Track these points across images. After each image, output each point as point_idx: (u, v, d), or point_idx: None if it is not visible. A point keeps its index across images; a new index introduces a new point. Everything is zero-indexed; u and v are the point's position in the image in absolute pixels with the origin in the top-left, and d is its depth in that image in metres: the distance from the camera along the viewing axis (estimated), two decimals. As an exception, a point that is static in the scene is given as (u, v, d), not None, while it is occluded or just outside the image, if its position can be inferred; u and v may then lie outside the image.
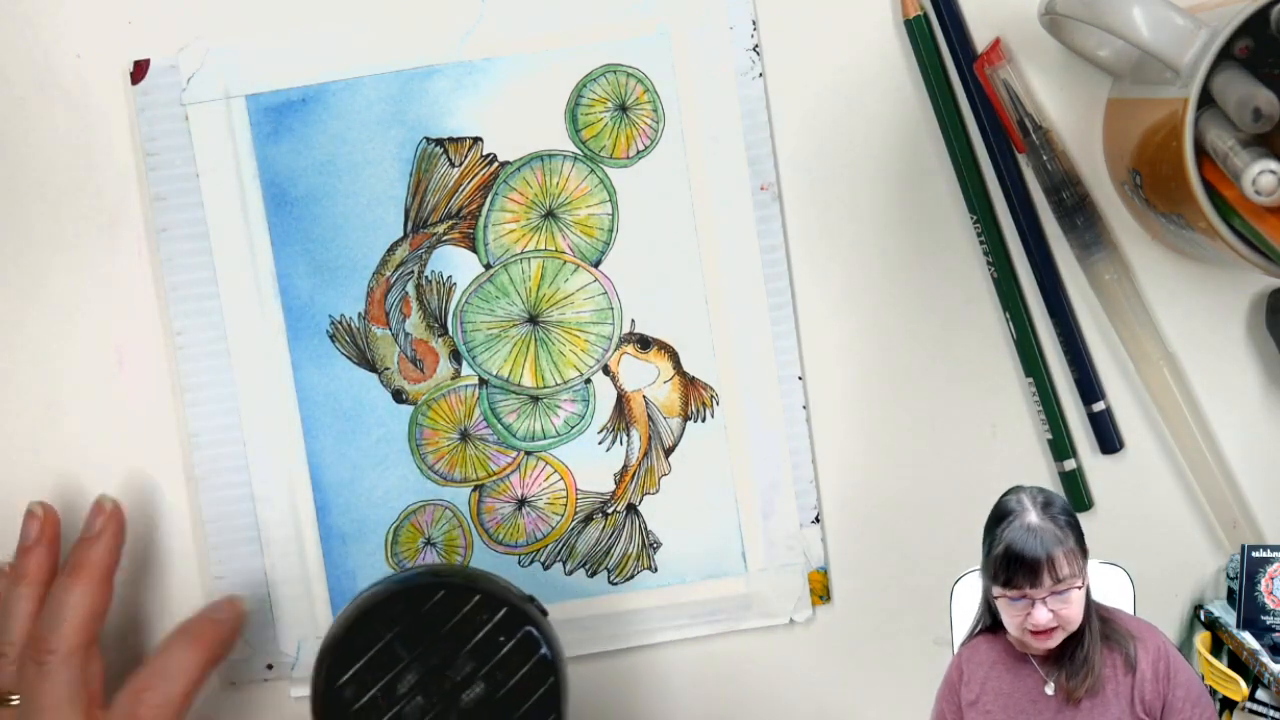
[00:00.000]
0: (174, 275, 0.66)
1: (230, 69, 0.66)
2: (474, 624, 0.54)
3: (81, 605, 0.60)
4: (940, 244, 0.66)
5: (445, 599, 0.54)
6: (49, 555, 0.63)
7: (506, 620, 0.54)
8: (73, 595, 0.60)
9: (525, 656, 0.54)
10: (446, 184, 0.66)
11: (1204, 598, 0.66)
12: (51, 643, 0.59)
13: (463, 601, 0.54)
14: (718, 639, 0.67)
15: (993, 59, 0.63)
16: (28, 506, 0.64)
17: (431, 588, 0.54)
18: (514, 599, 0.55)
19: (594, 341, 0.66)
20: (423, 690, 0.53)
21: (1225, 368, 0.66)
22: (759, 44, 0.65)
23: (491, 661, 0.53)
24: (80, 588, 0.60)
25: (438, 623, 0.54)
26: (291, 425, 0.66)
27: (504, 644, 0.53)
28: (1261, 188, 0.52)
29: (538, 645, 0.54)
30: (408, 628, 0.54)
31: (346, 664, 0.53)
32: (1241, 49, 0.55)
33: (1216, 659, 0.63)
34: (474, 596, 0.54)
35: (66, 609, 0.59)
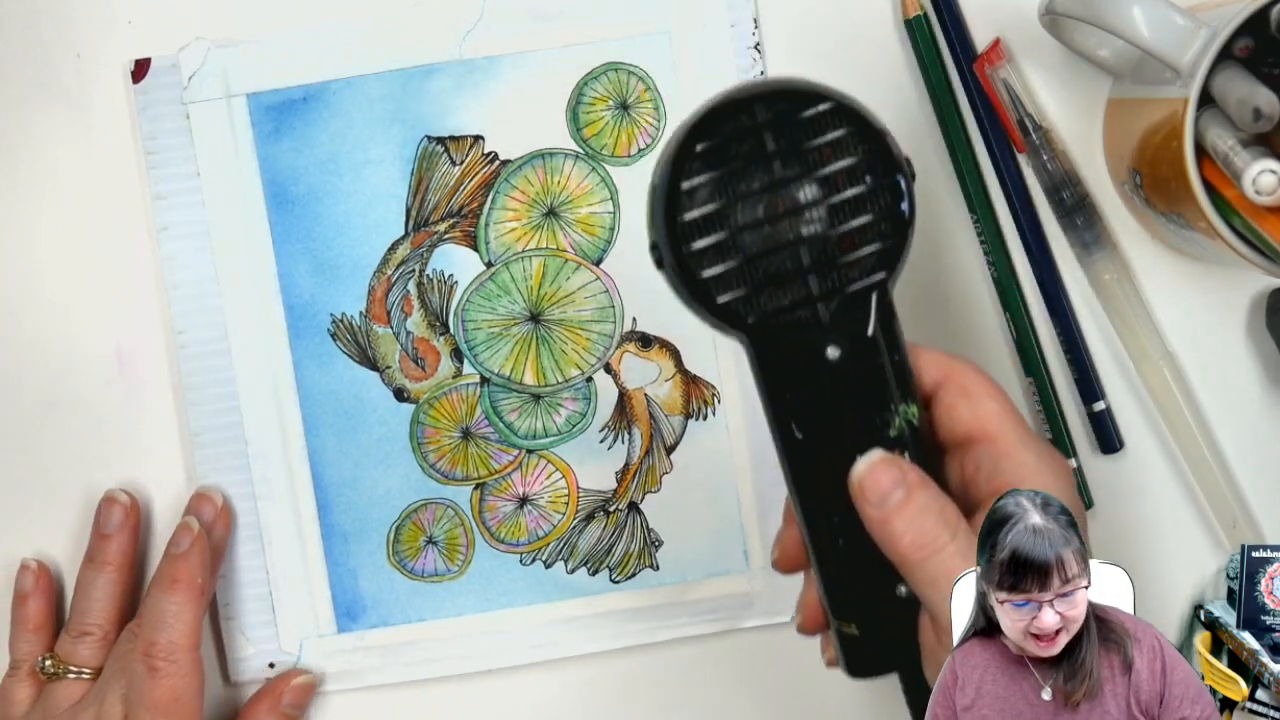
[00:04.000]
0: (175, 274, 0.66)
1: (231, 68, 0.66)
2: (843, 150, 0.49)
3: (185, 614, 0.63)
4: (940, 244, 0.66)
5: (828, 114, 0.48)
6: (131, 542, 0.65)
7: (876, 159, 0.49)
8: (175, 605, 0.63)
9: (881, 206, 0.49)
10: (447, 182, 0.66)
11: (1204, 598, 0.66)
12: (165, 648, 0.62)
13: (841, 123, 0.49)
14: (720, 637, 0.68)
15: (993, 59, 0.63)
16: (107, 493, 0.66)
17: (817, 97, 0.49)
18: (890, 141, 0.49)
19: (595, 340, 0.67)
20: (764, 197, 0.49)
21: (1225, 368, 0.66)
22: (760, 42, 0.65)
23: (844, 195, 0.49)
24: (180, 599, 0.63)
25: (809, 135, 0.49)
26: (293, 424, 0.66)
27: (864, 182, 0.49)
28: (1261, 188, 0.52)
29: (900, 197, 0.49)
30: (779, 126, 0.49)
31: (709, 134, 0.49)
32: (1241, 49, 0.55)
33: (1216, 659, 0.63)
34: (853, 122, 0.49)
35: (173, 617, 0.62)
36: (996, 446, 0.50)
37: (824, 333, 0.49)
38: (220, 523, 0.66)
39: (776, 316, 0.49)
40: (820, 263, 0.49)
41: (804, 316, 0.49)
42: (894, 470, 0.49)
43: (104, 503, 0.65)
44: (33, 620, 0.65)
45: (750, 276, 0.49)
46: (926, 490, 0.49)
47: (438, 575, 0.67)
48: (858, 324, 0.49)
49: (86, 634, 0.64)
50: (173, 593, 0.62)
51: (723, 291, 0.49)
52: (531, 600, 0.67)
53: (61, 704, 0.63)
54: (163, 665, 0.61)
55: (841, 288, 0.49)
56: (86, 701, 0.62)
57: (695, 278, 0.49)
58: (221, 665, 0.67)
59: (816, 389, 0.50)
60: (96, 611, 0.64)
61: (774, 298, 0.49)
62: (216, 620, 0.67)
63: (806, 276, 0.49)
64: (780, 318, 0.49)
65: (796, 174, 0.48)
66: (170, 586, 0.63)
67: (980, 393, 0.51)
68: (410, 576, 0.67)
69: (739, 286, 0.49)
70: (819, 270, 0.49)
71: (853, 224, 0.49)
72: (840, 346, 0.49)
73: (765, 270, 0.49)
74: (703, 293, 0.49)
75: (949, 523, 0.49)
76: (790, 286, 0.49)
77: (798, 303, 0.49)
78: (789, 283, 0.49)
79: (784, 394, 0.50)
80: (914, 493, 0.48)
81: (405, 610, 0.67)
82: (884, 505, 0.48)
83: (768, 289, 0.49)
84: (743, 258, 0.48)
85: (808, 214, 0.48)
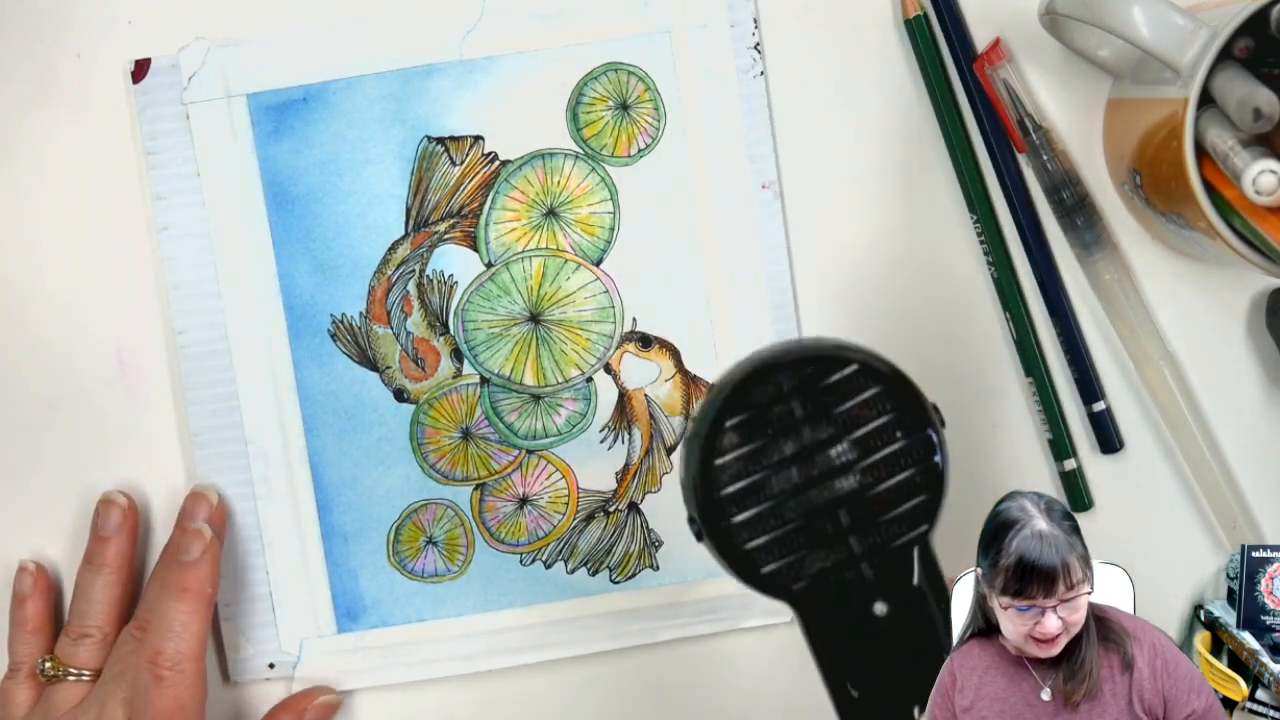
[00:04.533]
0: (175, 274, 0.66)
1: (231, 68, 0.66)
2: (872, 410, 0.50)
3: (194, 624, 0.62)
4: (940, 244, 0.66)
5: (854, 376, 0.50)
6: (130, 544, 0.65)
7: (906, 414, 0.50)
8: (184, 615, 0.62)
9: (914, 459, 0.50)
10: (447, 183, 0.66)
11: (1204, 598, 0.66)
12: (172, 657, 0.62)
13: (867, 384, 0.50)
14: (720, 637, 0.67)
15: (993, 59, 0.63)
16: (104, 495, 0.65)
17: (841, 361, 0.50)
18: (918, 394, 0.51)
19: (595, 340, 0.66)
20: (798, 463, 0.50)
21: (1225, 368, 0.66)
22: (760, 42, 0.65)
23: (878, 455, 0.50)
24: (189, 608, 0.63)
25: (837, 399, 0.50)
26: (293, 424, 0.66)
27: (897, 439, 0.50)
28: (1261, 188, 0.52)
29: (932, 450, 0.50)
30: (806, 393, 0.50)
31: (737, 410, 0.50)
32: (1241, 49, 0.55)
33: (1216, 659, 0.63)
34: (880, 381, 0.50)
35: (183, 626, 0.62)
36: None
37: (870, 590, 0.50)
38: (217, 523, 0.65)
39: (821, 580, 0.50)
40: (860, 523, 0.50)
41: (849, 577, 0.50)
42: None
43: (102, 504, 0.65)
44: (31, 622, 0.65)
45: (792, 543, 0.50)
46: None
47: (438, 575, 0.67)
48: (903, 578, 0.51)
49: (86, 636, 0.64)
50: (183, 601, 0.62)
51: (766, 561, 0.50)
52: (531, 600, 0.67)
53: (61, 706, 0.63)
54: (168, 674, 0.61)
55: (884, 545, 0.50)
56: (87, 704, 0.62)
57: (738, 550, 0.50)
58: (221, 665, 0.67)
59: (868, 646, 0.51)
60: (95, 614, 0.64)
61: (817, 561, 0.50)
62: (216, 620, 0.67)
63: (848, 538, 0.50)
64: (825, 580, 0.50)
65: (828, 437, 0.50)
66: (180, 595, 0.62)
67: None
68: (410, 577, 0.67)
69: (782, 554, 0.50)
70: (859, 530, 0.50)
71: (889, 483, 0.50)
72: (888, 602, 0.51)
73: (806, 536, 0.50)
74: (747, 564, 0.50)
75: None
76: (833, 549, 0.50)
77: (842, 564, 0.50)
78: (831, 546, 0.50)
79: (836, 654, 0.51)
80: None
81: (405, 610, 0.67)
82: None
83: (811, 554, 0.50)
84: (783, 526, 0.50)
85: (844, 477, 0.50)
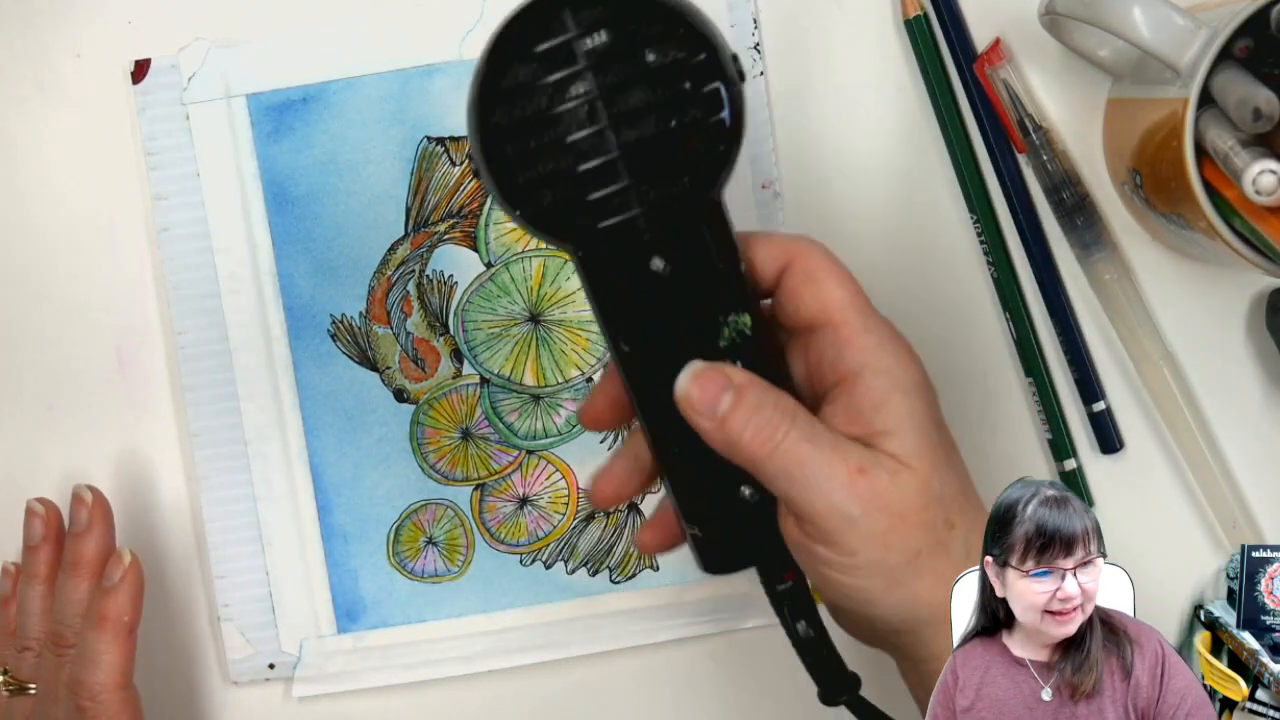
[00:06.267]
0: (175, 275, 0.66)
1: (231, 68, 0.66)
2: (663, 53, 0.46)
3: (111, 653, 0.60)
4: (940, 244, 0.66)
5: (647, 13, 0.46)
6: (55, 551, 0.64)
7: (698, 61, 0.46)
8: (102, 644, 0.60)
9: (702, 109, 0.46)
10: (447, 183, 0.66)
11: (1204, 598, 0.66)
12: (91, 688, 0.60)
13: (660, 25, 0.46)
14: (720, 638, 0.67)
15: (993, 59, 0.63)
16: (27, 505, 0.64)
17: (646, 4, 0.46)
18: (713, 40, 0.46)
19: (595, 340, 0.66)
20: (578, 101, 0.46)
21: (1225, 368, 0.66)
22: (760, 42, 0.65)
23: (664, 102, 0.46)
24: (108, 638, 0.60)
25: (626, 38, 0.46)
26: (292, 424, 0.66)
27: (685, 87, 0.46)
28: (1261, 188, 0.52)
29: (719, 104, 0.46)
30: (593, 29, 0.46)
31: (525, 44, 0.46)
32: (1241, 49, 0.55)
33: (1216, 659, 0.63)
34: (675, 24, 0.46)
35: (99, 656, 0.60)
36: (839, 333, 0.48)
37: (648, 244, 0.47)
38: (98, 516, 0.63)
39: (597, 226, 0.47)
40: (639, 172, 0.46)
41: (626, 227, 0.47)
42: (718, 377, 0.47)
43: (26, 514, 0.64)
44: (11, 625, 0.64)
45: (569, 184, 0.46)
46: (755, 388, 0.47)
47: (438, 576, 0.67)
48: (685, 236, 0.47)
49: (26, 649, 0.62)
50: (101, 630, 0.60)
51: (543, 199, 0.46)
52: (531, 601, 0.67)
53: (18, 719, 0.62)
54: (89, 705, 0.60)
55: (664, 197, 0.47)
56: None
57: (513, 183, 0.46)
58: (222, 666, 0.67)
59: (643, 301, 0.48)
60: (33, 625, 0.63)
61: (596, 210, 0.47)
62: (216, 621, 0.67)
63: (626, 186, 0.46)
64: (602, 228, 0.47)
65: (615, 80, 0.46)
66: (99, 623, 0.60)
67: (825, 277, 0.49)
68: (410, 577, 0.67)
69: (556, 194, 0.46)
70: (638, 180, 0.46)
71: (675, 133, 0.46)
72: (665, 258, 0.47)
73: (585, 178, 0.46)
74: (521, 200, 0.46)
75: (786, 411, 0.47)
76: (613, 198, 0.47)
77: (617, 210, 0.47)
78: (610, 192, 0.46)
79: (611, 306, 0.48)
80: (743, 393, 0.47)
81: (405, 611, 0.67)
82: (714, 413, 0.47)
83: (588, 198, 0.46)
84: (560, 164, 0.46)
85: (628, 121, 0.46)
